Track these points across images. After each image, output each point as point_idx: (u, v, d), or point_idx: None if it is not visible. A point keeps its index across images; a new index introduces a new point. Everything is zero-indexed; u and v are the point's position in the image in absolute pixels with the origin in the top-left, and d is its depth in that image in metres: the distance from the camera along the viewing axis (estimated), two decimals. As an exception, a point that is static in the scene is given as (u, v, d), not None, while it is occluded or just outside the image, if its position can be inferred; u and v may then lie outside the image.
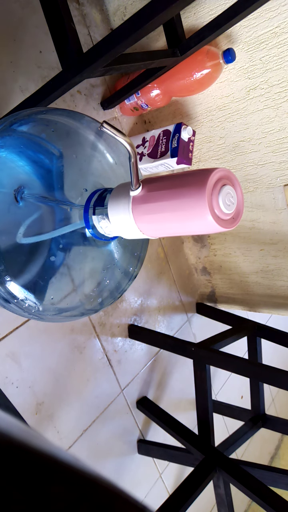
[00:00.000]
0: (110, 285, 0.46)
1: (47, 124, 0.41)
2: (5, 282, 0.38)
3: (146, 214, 0.34)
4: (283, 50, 0.72)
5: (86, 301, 0.45)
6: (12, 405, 0.69)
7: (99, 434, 0.93)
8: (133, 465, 1.04)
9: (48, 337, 0.82)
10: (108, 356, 0.96)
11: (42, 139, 0.41)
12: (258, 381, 1.11)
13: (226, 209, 0.32)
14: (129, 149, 0.32)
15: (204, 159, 0.96)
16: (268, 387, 1.65)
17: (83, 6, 0.86)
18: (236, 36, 0.75)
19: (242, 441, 1.05)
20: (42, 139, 0.41)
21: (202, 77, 0.77)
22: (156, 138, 0.88)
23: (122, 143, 0.32)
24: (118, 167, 0.46)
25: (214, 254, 1.13)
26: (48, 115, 0.42)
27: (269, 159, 0.86)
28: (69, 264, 0.43)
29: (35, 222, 0.40)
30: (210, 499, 1.07)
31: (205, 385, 0.93)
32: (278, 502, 0.75)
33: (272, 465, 1.53)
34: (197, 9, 0.76)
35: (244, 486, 0.79)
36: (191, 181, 0.32)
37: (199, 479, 0.82)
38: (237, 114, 0.84)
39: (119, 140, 0.31)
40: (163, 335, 1.03)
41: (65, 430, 0.85)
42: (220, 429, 1.33)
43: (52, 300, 0.41)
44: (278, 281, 1.04)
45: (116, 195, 0.36)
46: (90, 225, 0.40)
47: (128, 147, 0.32)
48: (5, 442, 0.10)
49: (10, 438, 0.10)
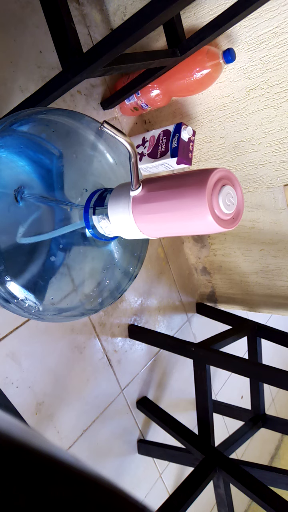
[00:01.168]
0: (110, 285, 0.46)
1: (47, 124, 0.41)
2: (5, 282, 0.38)
3: (146, 214, 0.34)
4: (283, 50, 0.72)
5: (86, 301, 0.45)
6: (12, 405, 0.69)
7: (99, 434, 0.93)
8: (133, 465, 1.04)
9: (48, 337, 0.82)
10: (108, 356, 0.96)
11: (42, 139, 0.41)
12: (258, 381, 1.11)
13: (226, 209, 0.32)
14: (129, 149, 0.32)
15: (204, 159, 0.96)
16: (268, 387, 1.65)
17: (83, 6, 0.86)
18: (236, 36, 0.75)
19: (242, 441, 1.05)
20: (42, 139, 0.41)
21: (202, 77, 0.77)
22: (156, 138, 0.88)
23: (122, 143, 0.32)
24: (118, 167, 0.46)
25: (214, 254, 1.13)
26: (48, 115, 0.42)
27: (269, 159, 0.86)
28: (69, 264, 0.43)
29: (35, 222, 0.40)
30: (210, 499, 1.07)
31: (205, 385, 0.93)
32: (278, 502, 0.75)
33: (272, 465, 1.53)
34: (197, 9, 0.76)
35: (244, 486, 0.79)
36: (191, 181, 0.32)
37: (199, 479, 0.82)
38: (237, 114, 0.84)
39: (119, 140, 0.31)
40: (163, 335, 1.03)
41: (65, 430, 0.85)
42: (220, 429, 1.33)
43: (52, 300, 0.41)
44: (278, 281, 1.04)
45: (116, 195, 0.36)
46: (90, 225, 0.40)
47: (129, 147, 0.32)
48: (5, 442, 0.10)
49: (10, 438, 0.10)
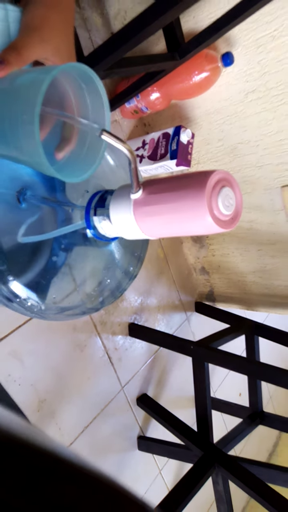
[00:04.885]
0: (111, 284, 0.47)
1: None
2: (8, 281, 0.39)
3: (147, 216, 0.35)
4: (280, 53, 0.73)
5: (88, 300, 0.45)
6: (14, 403, 0.70)
7: (100, 430, 0.94)
8: (133, 462, 1.05)
9: (50, 335, 0.83)
10: (109, 354, 0.97)
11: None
12: (256, 378, 1.12)
13: (225, 210, 0.33)
14: (128, 156, 0.33)
15: (203, 161, 0.97)
16: (266, 385, 1.66)
17: (84, 10, 0.87)
18: (235, 40, 0.76)
19: (241, 438, 1.06)
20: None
21: (201, 80, 0.78)
22: (156, 141, 0.89)
23: (121, 150, 0.32)
24: (119, 169, 0.47)
25: (213, 254, 1.15)
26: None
27: (266, 161, 0.87)
28: (70, 264, 0.43)
29: (37, 223, 0.41)
30: (209, 495, 1.08)
31: (203, 382, 0.93)
32: (276, 498, 0.76)
33: (270, 462, 1.55)
34: (196, 13, 0.77)
35: (243, 483, 0.80)
36: (190, 183, 0.33)
37: (198, 476, 0.83)
38: (235, 117, 0.85)
39: (118, 147, 0.32)
40: (163, 333, 1.04)
41: (66, 427, 0.87)
42: (218, 426, 1.34)
43: (54, 299, 0.42)
44: (275, 281, 1.05)
45: (117, 198, 0.37)
46: (91, 225, 0.40)
47: (128, 154, 0.33)
48: (7, 439, 0.10)
49: (12, 435, 0.10)
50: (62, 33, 0.34)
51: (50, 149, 0.34)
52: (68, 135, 0.34)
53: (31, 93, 0.27)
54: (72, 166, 0.35)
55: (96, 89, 0.31)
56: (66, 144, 0.34)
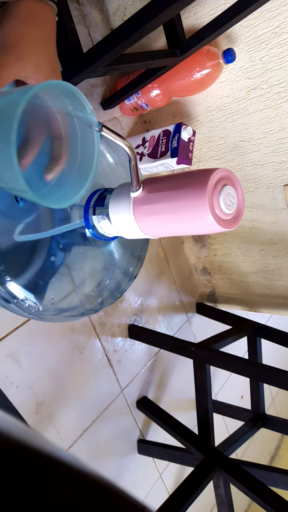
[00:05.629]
0: (110, 285, 0.46)
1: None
2: (5, 282, 0.38)
3: (147, 215, 0.34)
4: (283, 50, 0.72)
5: (86, 301, 0.45)
6: (12, 405, 0.69)
7: (99, 434, 0.93)
8: (133, 465, 1.04)
9: (48, 337, 0.82)
10: (108, 356, 0.96)
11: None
12: (258, 381, 1.11)
13: (227, 209, 0.32)
14: (128, 153, 0.32)
15: (204, 159, 0.96)
16: (268, 387, 1.65)
17: (83, 6, 0.86)
18: (236, 36, 0.75)
19: (242, 441, 1.05)
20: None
21: (202, 77, 0.77)
22: (156, 138, 0.88)
23: (121, 147, 0.32)
24: (118, 167, 0.46)
25: (214, 254, 1.14)
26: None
27: (269, 159, 0.86)
28: (69, 264, 0.43)
29: (35, 222, 0.41)
30: (210, 499, 1.07)
31: (205, 385, 0.93)
32: (278, 502, 0.75)
33: (272, 465, 1.54)
34: (197, 9, 0.76)
35: (244, 486, 0.79)
36: (191, 182, 0.32)
37: (199, 479, 0.82)
38: (237, 114, 0.84)
39: (118, 144, 0.31)
40: (163, 335, 1.03)
41: (65, 430, 0.86)
42: (220, 429, 1.33)
43: (52, 300, 0.42)
44: (278, 281, 1.04)
45: (117, 196, 0.37)
46: (90, 225, 0.40)
47: (128, 151, 0.32)
48: (5, 442, 0.10)
49: (10, 438, 0.10)
50: (42, 49, 0.32)
51: (39, 170, 0.31)
52: (57, 154, 0.31)
53: (5, 118, 0.24)
54: (63, 188, 0.32)
55: (80, 103, 0.29)
56: (55, 164, 0.31)
